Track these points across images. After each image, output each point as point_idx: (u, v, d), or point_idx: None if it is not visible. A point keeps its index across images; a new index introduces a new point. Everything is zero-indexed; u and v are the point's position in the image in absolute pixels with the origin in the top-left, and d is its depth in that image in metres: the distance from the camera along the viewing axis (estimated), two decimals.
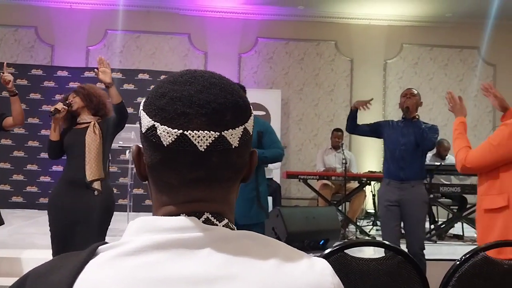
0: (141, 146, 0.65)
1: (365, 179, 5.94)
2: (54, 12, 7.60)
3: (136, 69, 7.49)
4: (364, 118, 3.78)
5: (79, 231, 2.66)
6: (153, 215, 0.63)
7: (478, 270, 1.56)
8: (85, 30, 7.62)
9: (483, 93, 2.52)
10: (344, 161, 5.50)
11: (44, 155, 6.63)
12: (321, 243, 4.60)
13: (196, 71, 0.65)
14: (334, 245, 1.28)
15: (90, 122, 2.78)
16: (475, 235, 5.45)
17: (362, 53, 7.94)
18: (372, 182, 6.17)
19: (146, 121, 0.62)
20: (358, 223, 6.00)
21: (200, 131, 0.59)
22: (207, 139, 0.59)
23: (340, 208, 5.64)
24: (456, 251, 4.74)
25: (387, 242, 1.45)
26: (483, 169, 2.16)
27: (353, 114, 3.58)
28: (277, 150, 3.11)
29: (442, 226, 5.66)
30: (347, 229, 5.61)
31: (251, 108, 0.67)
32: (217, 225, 0.61)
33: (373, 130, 3.63)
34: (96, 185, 2.72)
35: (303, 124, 7.95)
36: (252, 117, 0.66)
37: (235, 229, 0.63)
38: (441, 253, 4.67)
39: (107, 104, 2.88)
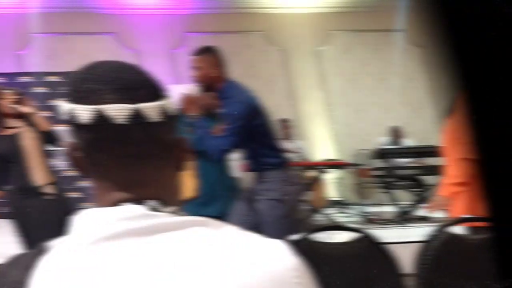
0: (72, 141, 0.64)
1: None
2: None
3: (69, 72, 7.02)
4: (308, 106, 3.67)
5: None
6: (97, 204, 0.62)
7: (448, 247, 1.51)
8: (10, 35, 7.18)
9: None
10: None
11: None
12: None
13: (106, 60, 0.67)
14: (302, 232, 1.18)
15: (20, 127, 2.72)
16: (440, 216, 5.39)
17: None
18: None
19: (65, 107, 0.62)
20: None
21: (114, 104, 0.60)
22: (123, 112, 0.60)
23: None
24: (422, 232, 4.65)
25: (354, 226, 1.35)
26: None
27: None
28: None
29: (405, 209, 5.55)
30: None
31: (168, 92, 0.68)
32: (165, 212, 0.61)
33: None
34: (49, 189, 2.66)
35: None
36: (169, 100, 0.66)
37: (185, 215, 0.63)
38: (408, 235, 4.58)
39: None
